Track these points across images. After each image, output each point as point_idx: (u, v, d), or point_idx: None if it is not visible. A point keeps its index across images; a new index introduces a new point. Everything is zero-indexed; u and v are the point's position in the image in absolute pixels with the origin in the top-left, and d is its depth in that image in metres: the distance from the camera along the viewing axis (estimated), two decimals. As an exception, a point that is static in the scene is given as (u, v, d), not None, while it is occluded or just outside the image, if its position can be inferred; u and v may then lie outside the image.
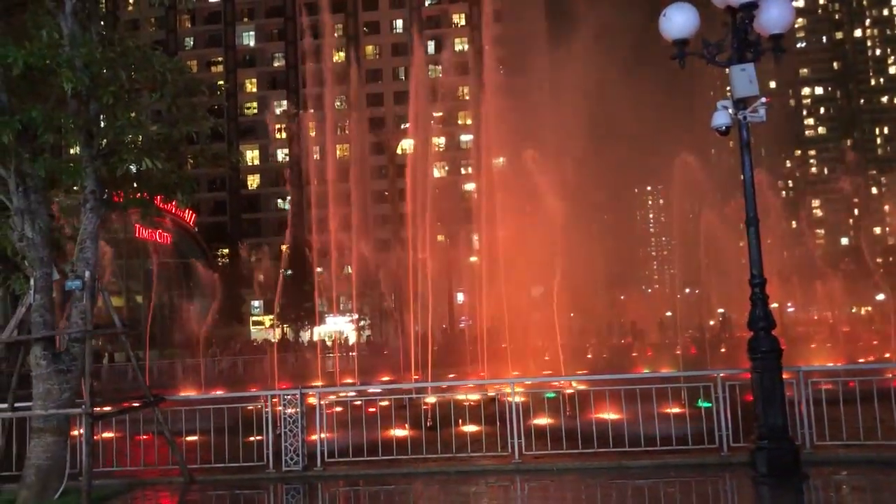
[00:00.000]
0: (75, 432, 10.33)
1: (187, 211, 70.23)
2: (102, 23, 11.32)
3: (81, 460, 9.47)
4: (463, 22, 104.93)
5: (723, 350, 36.70)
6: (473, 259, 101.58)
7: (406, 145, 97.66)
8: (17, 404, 10.46)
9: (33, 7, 10.19)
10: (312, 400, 11.39)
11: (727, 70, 9.44)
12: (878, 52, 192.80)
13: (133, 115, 10.38)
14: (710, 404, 10.70)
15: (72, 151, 12.62)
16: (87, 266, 10.12)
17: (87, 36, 10.07)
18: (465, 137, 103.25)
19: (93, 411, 9.65)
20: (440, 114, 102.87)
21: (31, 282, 10.02)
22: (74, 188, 10.85)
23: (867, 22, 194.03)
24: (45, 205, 10.15)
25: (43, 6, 10.01)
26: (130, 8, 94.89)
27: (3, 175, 9.89)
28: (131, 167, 10.48)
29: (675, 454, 10.39)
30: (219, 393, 17.16)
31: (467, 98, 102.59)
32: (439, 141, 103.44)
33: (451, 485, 9.97)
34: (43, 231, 10.04)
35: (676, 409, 11.23)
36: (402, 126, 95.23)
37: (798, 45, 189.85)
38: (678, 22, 9.22)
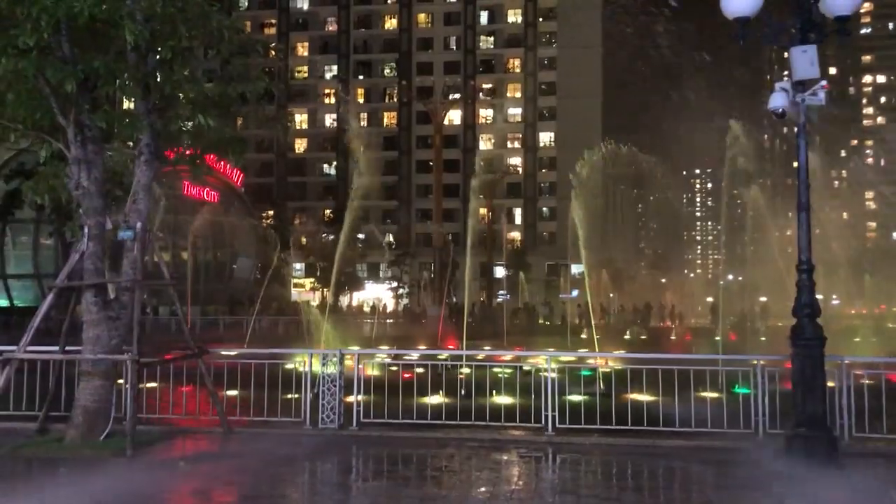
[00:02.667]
0: (121, 380, 10.67)
1: (235, 171, 71.13)
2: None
3: (126, 405, 9.78)
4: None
5: (762, 339, 36.23)
6: (516, 234, 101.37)
7: (453, 115, 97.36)
8: (67, 348, 10.82)
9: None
10: (349, 362, 11.57)
11: (785, 53, 9.25)
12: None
13: (189, 71, 10.55)
14: (748, 390, 10.62)
15: (126, 106, 12.88)
16: (139, 217, 10.37)
17: (148, -10, 10.23)
18: (514, 111, 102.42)
19: (139, 358, 9.93)
20: (490, 86, 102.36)
21: (85, 230, 10.30)
22: (129, 142, 11.09)
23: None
24: (101, 155, 10.40)
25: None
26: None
27: (62, 124, 10.15)
28: (185, 123, 10.67)
29: (709, 437, 10.36)
30: (260, 349, 17.51)
31: (517, 71, 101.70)
32: (487, 113, 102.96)
33: (483, 452, 10.08)
34: (98, 181, 10.30)
35: (714, 394, 11.18)
36: (451, 96, 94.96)
37: (862, 31, 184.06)
38: (739, 0, 9.04)
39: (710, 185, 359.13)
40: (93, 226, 10.29)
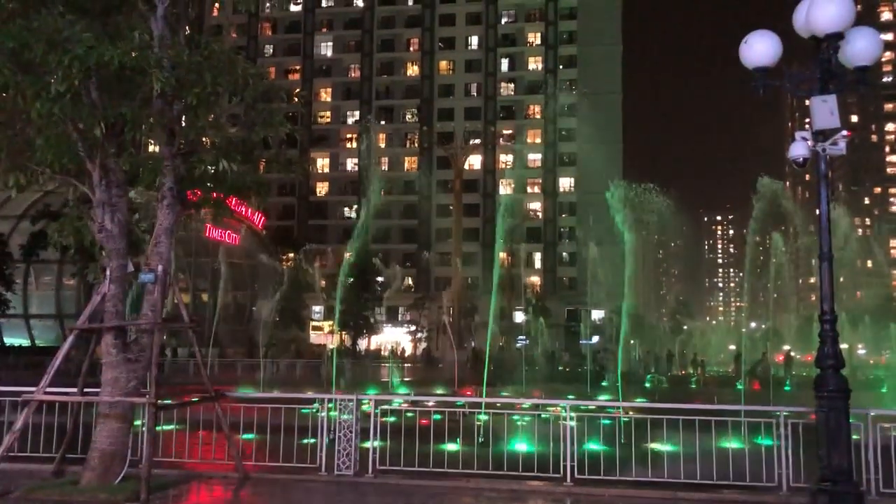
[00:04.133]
0: (137, 422, 10.65)
1: (257, 214, 71.83)
2: (189, 27, 11.74)
3: (143, 448, 9.75)
4: (538, 41, 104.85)
5: (787, 388, 35.66)
6: (535, 279, 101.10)
7: (473, 160, 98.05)
8: (86, 390, 10.85)
9: (127, 9, 10.63)
10: (366, 407, 11.49)
11: (806, 101, 9.24)
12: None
13: (213, 117, 10.72)
14: (771, 441, 10.41)
15: (151, 150, 13.10)
16: (160, 260, 10.45)
17: (176, 39, 10.48)
18: (534, 156, 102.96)
19: (156, 401, 9.93)
20: (510, 131, 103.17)
21: (107, 272, 10.40)
22: (152, 185, 11.24)
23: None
24: (125, 199, 10.54)
25: (137, 9, 10.44)
26: (215, 13, 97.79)
27: (88, 168, 10.32)
28: (208, 167, 10.81)
29: (731, 490, 10.13)
30: (276, 394, 17.46)
31: (538, 117, 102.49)
32: (507, 159, 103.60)
33: (500, 502, 9.92)
34: (121, 224, 10.42)
35: (735, 445, 10.97)
36: (471, 142, 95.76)
37: (884, 80, 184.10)
38: (759, 50, 9.07)
39: (731, 232, 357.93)
40: (115, 268, 10.38)
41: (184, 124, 10.69)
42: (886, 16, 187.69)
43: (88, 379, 10.97)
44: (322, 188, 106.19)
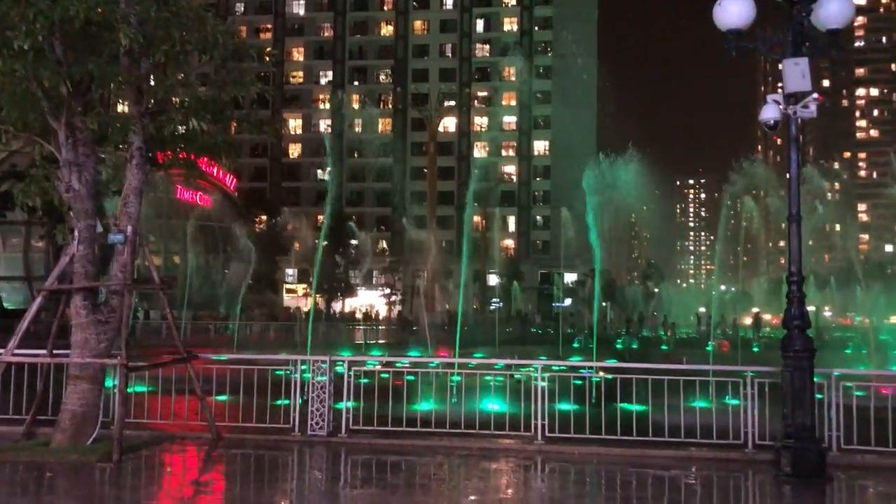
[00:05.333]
0: (109, 383, 10.61)
1: (228, 175, 71.11)
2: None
3: (114, 409, 9.73)
4: (514, 2, 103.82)
5: (755, 349, 36.33)
6: (509, 242, 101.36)
7: (448, 123, 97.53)
8: (55, 351, 10.76)
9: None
10: (340, 369, 11.53)
11: (779, 65, 9.28)
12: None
13: (182, 75, 10.53)
14: (738, 401, 10.62)
15: (119, 109, 12.85)
16: (129, 221, 10.33)
17: (143, -6, 10.22)
18: (509, 119, 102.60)
19: (128, 362, 9.88)
20: (485, 94, 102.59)
21: (75, 233, 10.26)
22: (121, 145, 11.05)
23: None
24: (92, 158, 10.36)
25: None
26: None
27: (54, 127, 10.11)
28: (178, 127, 10.64)
29: (699, 447, 10.35)
30: (249, 355, 17.46)
31: (513, 79, 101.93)
32: (482, 121, 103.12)
33: (472, 460, 10.05)
34: (89, 184, 10.25)
35: (703, 404, 11.18)
36: (445, 104, 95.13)
37: (856, 44, 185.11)
38: (733, 11, 9.07)
39: (703, 195, 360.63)
40: (83, 229, 10.24)
41: (152, 83, 10.49)
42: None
43: (58, 341, 10.89)
44: (295, 149, 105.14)
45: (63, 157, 10.12)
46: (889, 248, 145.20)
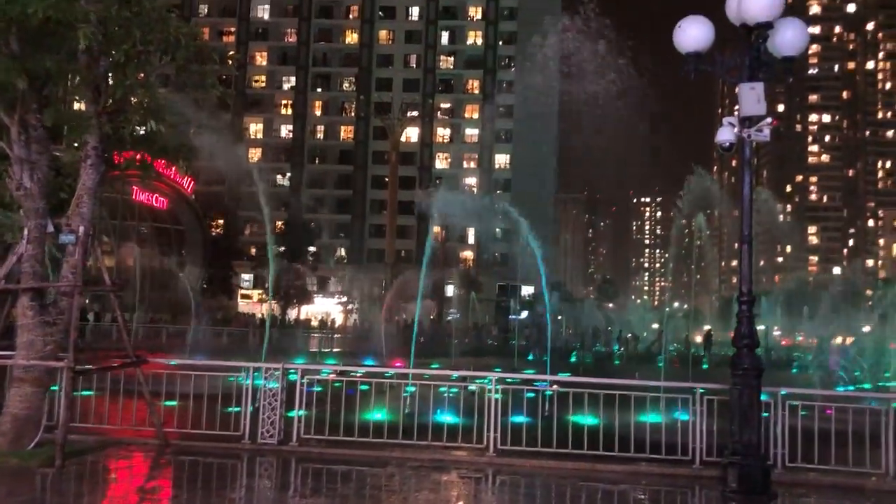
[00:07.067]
0: (55, 387, 10.36)
1: (186, 178, 70.10)
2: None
3: (59, 413, 9.51)
4: (479, 16, 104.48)
5: (705, 366, 36.87)
6: (468, 254, 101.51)
7: (410, 133, 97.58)
8: (0, 353, 10.49)
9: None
10: (293, 377, 11.43)
11: (736, 89, 9.48)
12: (888, 85, 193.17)
13: (142, 75, 10.38)
14: (687, 416, 10.79)
15: (77, 107, 12.62)
16: (82, 221, 10.13)
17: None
18: (471, 132, 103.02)
19: (75, 366, 9.67)
20: (448, 105, 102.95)
21: (25, 232, 10.03)
22: (76, 144, 10.86)
23: (880, 55, 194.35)
24: (45, 156, 10.15)
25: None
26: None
27: (6, 123, 9.89)
28: (136, 128, 10.49)
29: (648, 463, 10.48)
30: (201, 360, 17.20)
31: (476, 92, 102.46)
32: (444, 133, 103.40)
33: (423, 472, 10.04)
34: (41, 182, 10.04)
35: (654, 419, 11.32)
36: (409, 114, 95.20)
37: (810, 72, 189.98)
38: (692, 34, 9.24)
39: (659, 213, 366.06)
40: (33, 228, 10.02)
41: (111, 82, 10.32)
42: (815, 9, 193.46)
43: (3, 342, 10.61)
44: (255, 154, 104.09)
45: (15, 153, 9.90)
46: (837, 270, 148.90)
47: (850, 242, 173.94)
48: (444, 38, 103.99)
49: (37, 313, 9.91)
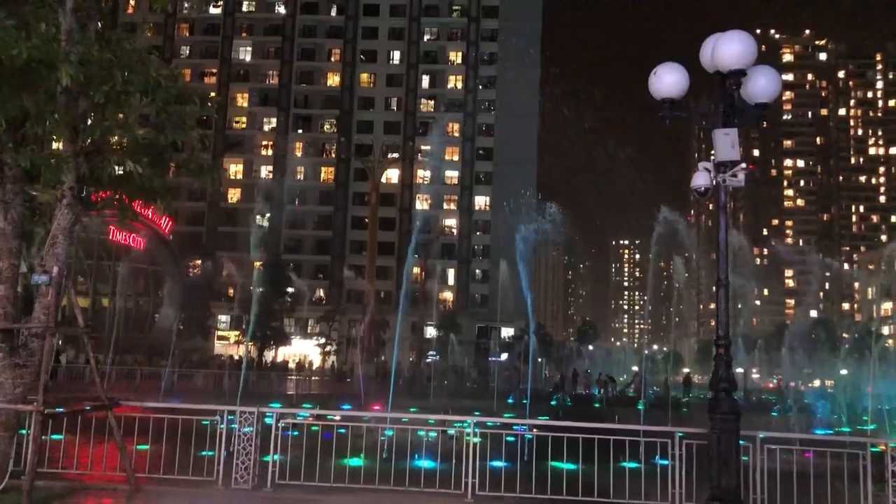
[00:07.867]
0: (23, 430, 10.13)
1: (164, 218, 69.75)
2: (101, 23, 11.33)
3: (26, 458, 9.27)
4: (459, 60, 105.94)
5: (684, 410, 36.83)
6: (448, 295, 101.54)
7: (391, 174, 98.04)
8: (-33, 395, 10.25)
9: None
10: (269, 420, 11.26)
11: (711, 134, 9.63)
12: (860, 131, 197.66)
13: (121, 116, 10.37)
14: (667, 461, 10.72)
15: (54, 147, 12.56)
16: (56, 262, 10.00)
17: (86, 34, 10.09)
18: (451, 173, 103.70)
19: (44, 409, 9.46)
20: (428, 148, 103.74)
21: (-3, 272, 9.88)
22: (52, 184, 10.76)
23: (852, 102, 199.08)
24: (20, 196, 10.05)
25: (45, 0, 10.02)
26: (130, 10, 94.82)
27: (-19, 162, 9.81)
28: (114, 168, 10.43)
29: (627, 508, 10.37)
30: (175, 403, 16.93)
31: (456, 135, 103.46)
32: (425, 174, 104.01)
33: (400, 518, 9.87)
34: (15, 222, 9.93)
35: (633, 464, 11.24)
36: (389, 156, 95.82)
37: (784, 118, 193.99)
38: (668, 81, 9.41)
39: (638, 256, 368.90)
40: (6, 268, 9.88)
41: (90, 122, 10.29)
42: (788, 57, 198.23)
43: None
44: (234, 195, 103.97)
45: (-11, 193, 9.80)
46: (814, 313, 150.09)
47: (827, 286, 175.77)
48: (425, 81, 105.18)
49: (7, 355, 9.72)
